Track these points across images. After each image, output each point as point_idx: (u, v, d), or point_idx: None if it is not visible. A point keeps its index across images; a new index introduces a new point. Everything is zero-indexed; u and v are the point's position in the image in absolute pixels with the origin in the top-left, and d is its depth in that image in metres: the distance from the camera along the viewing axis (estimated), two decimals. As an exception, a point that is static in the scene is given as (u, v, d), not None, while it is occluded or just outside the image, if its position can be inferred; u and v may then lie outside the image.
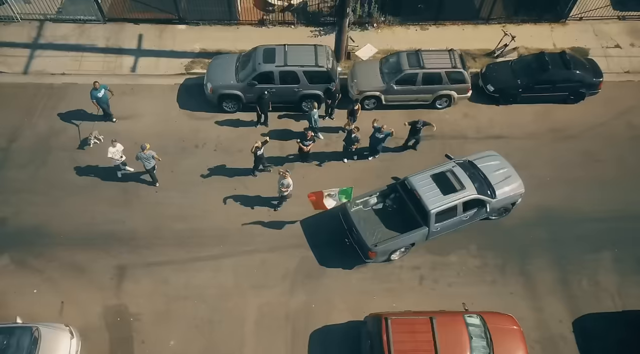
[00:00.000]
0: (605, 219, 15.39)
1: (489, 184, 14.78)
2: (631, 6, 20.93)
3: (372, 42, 20.47)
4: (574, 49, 19.90)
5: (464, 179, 14.50)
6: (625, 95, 18.58)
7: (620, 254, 14.72)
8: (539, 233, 15.22)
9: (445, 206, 14.05)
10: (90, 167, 16.50)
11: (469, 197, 14.26)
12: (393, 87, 17.56)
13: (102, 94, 16.82)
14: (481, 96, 18.58)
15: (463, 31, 20.80)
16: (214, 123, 17.74)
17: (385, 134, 16.13)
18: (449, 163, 15.10)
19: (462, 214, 14.39)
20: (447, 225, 14.45)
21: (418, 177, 14.65)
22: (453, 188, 14.30)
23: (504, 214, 15.37)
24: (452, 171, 14.66)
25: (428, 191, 14.23)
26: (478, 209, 14.58)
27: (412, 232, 14.15)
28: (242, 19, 20.90)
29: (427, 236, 14.43)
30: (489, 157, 15.54)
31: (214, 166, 16.63)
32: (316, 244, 14.97)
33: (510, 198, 14.94)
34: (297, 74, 17.03)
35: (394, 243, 14.11)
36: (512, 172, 15.20)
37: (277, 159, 16.84)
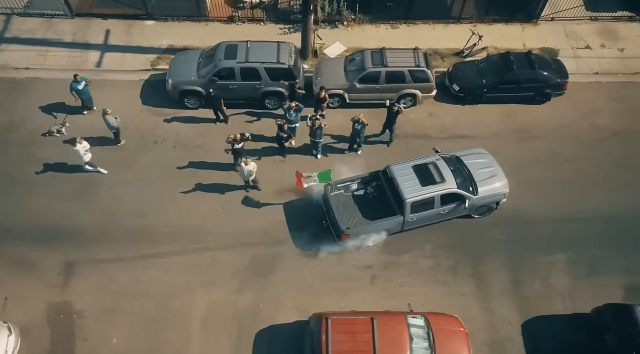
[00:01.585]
0: (563, 221, 15.21)
1: (472, 181, 14.68)
2: (604, 7, 20.75)
3: (341, 40, 20.30)
4: (544, 50, 19.74)
5: (445, 172, 14.45)
6: (593, 96, 18.40)
7: (575, 256, 14.53)
8: (495, 234, 15.04)
9: (422, 196, 14.06)
10: (48, 162, 16.36)
11: (448, 190, 14.19)
12: (356, 85, 17.40)
13: (82, 86, 16.81)
14: (448, 96, 18.42)
15: (434, 30, 20.65)
16: (175, 119, 17.61)
17: (364, 125, 16.08)
18: (433, 156, 15.11)
19: (439, 208, 14.36)
20: (423, 216, 14.41)
21: (399, 166, 14.68)
22: (432, 180, 14.29)
23: (487, 213, 15.23)
24: (435, 164, 14.65)
25: (407, 181, 14.27)
26: (457, 205, 14.47)
27: (385, 219, 14.20)
28: (211, 16, 20.79)
29: (403, 225, 14.42)
30: (477, 155, 15.46)
31: (172, 162, 16.47)
32: (270, 242, 14.81)
33: (492, 197, 14.79)
34: (258, 70, 16.89)
35: (366, 228, 14.22)
36: (498, 171, 15.08)
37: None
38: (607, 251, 14.64)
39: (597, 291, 13.69)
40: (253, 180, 15.56)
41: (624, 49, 19.64)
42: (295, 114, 16.51)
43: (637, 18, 20.41)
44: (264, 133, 17.33)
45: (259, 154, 16.73)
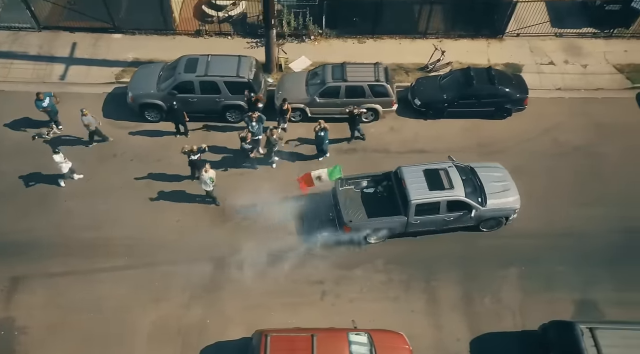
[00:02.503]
0: (519, 235, 15.14)
1: (482, 192, 14.71)
2: (569, 24, 20.94)
3: (308, 55, 20.41)
4: (508, 65, 19.87)
5: (455, 180, 14.50)
6: (555, 111, 18.46)
7: (528, 271, 14.46)
8: (450, 248, 14.97)
9: (428, 200, 14.18)
10: (5, 174, 16.29)
11: (455, 197, 14.23)
12: (316, 99, 17.45)
13: (47, 103, 16.80)
14: (411, 110, 18.46)
15: (400, 45, 20.79)
16: (135, 132, 17.60)
17: (325, 131, 16.30)
18: (446, 162, 15.17)
19: (445, 214, 14.42)
20: (427, 220, 14.50)
21: (410, 168, 14.86)
22: (441, 186, 14.36)
23: (496, 227, 15.16)
24: (446, 170, 14.73)
25: (415, 183, 14.42)
26: (463, 214, 14.47)
27: (389, 217, 14.39)
28: (179, 29, 20.93)
29: (406, 226, 14.54)
30: (492, 169, 15.52)
31: (130, 175, 16.45)
32: (221, 258, 14.69)
33: (501, 211, 14.74)
34: (217, 84, 16.95)
35: (368, 223, 14.49)
36: (511, 186, 15.05)
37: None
38: (562, 266, 14.58)
39: (549, 307, 13.58)
40: (211, 193, 15.52)
41: (587, 65, 19.78)
42: (257, 125, 16.52)
43: (600, 35, 20.59)
44: (226, 146, 17.36)
45: (220, 167, 16.67)
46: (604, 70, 19.62)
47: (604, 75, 19.46)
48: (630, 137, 17.54)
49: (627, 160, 16.97)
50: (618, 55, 19.96)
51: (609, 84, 19.23)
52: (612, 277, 14.35)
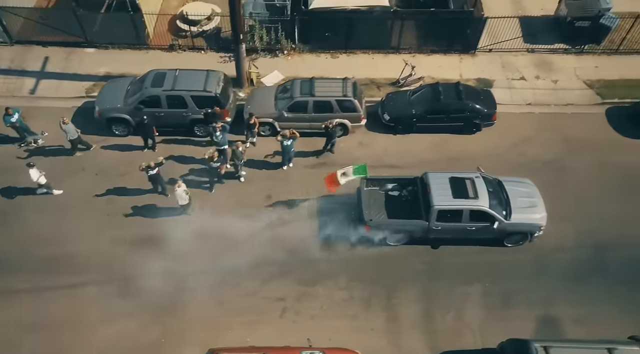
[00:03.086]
0: (483, 251, 15.04)
1: (508, 206, 14.64)
2: (541, 39, 21.01)
3: (281, 69, 20.43)
4: (480, 80, 19.91)
5: (481, 190, 14.50)
6: (524, 126, 18.45)
7: (491, 287, 14.32)
8: (413, 264, 14.85)
9: (450, 207, 14.21)
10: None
11: (478, 207, 14.21)
12: (284, 114, 17.43)
13: (15, 118, 16.74)
14: (381, 125, 18.45)
15: (373, 60, 20.83)
16: (102, 147, 17.52)
17: (292, 139, 16.32)
18: (473, 173, 15.19)
19: (467, 223, 14.43)
20: (449, 228, 14.53)
21: (436, 174, 14.99)
22: (465, 194, 14.38)
23: (521, 242, 15.05)
24: (473, 180, 14.74)
25: (439, 189, 14.49)
26: (486, 225, 14.39)
27: (409, 220, 14.55)
28: (152, 44, 20.96)
29: (427, 231, 14.58)
30: (521, 184, 15.46)
31: (94, 190, 16.36)
32: (181, 275, 14.51)
33: (526, 226, 14.65)
34: (184, 98, 16.92)
35: (388, 223, 14.69)
36: (539, 203, 14.94)
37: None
38: (525, 282, 14.46)
39: (510, 325, 13.44)
40: (187, 207, 15.38)
41: (557, 81, 19.83)
42: (222, 135, 16.49)
43: (572, 51, 20.67)
44: (193, 160, 17.29)
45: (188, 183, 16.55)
46: (574, 85, 19.67)
47: (574, 91, 19.51)
48: (599, 152, 17.52)
49: (596, 175, 16.94)
50: (588, 71, 20.02)
51: (579, 100, 19.27)
52: (571, 293, 14.25)
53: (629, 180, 16.69)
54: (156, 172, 15.36)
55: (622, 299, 14.12)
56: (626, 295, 14.20)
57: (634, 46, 20.43)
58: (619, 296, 14.17)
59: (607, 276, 14.62)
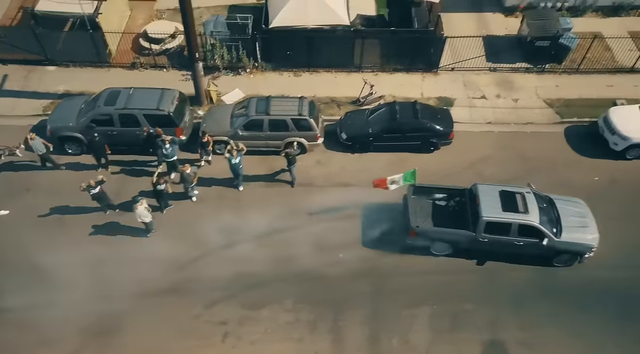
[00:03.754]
0: (435, 272, 14.85)
1: (558, 223, 14.51)
2: (504, 58, 21.07)
3: (243, 87, 20.37)
4: (441, 99, 19.91)
5: (531, 206, 14.39)
6: (483, 145, 18.37)
7: (439, 309, 14.07)
8: (362, 286, 14.59)
9: (499, 219, 14.14)
10: None
11: (528, 223, 14.10)
12: (239, 132, 17.30)
13: None
14: (340, 144, 18.34)
15: (335, 78, 20.82)
16: (54, 166, 17.25)
17: (239, 157, 16.11)
18: (524, 188, 15.06)
19: (515, 238, 14.28)
20: (496, 241, 14.38)
21: (486, 187, 14.97)
22: (515, 208, 14.29)
23: (569, 263, 14.83)
24: (523, 195, 14.65)
25: (489, 201, 14.47)
26: (535, 242, 14.25)
27: (455, 230, 14.53)
28: (114, 62, 20.91)
29: (474, 242, 14.48)
30: (572, 203, 15.30)
31: (41, 210, 16.08)
32: (120, 298, 14.17)
33: (576, 246, 14.43)
34: (136, 117, 16.78)
35: (435, 231, 14.69)
36: (591, 224, 14.76)
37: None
38: (473, 304, 14.22)
39: (457, 347, 13.20)
40: (151, 224, 15.22)
41: (518, 100, 19.85)
42: (171, 147, 16.43)
43: (533, 70, 20.74)
44: (146, 180, 17.06)
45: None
46: (534, 104, 19.69)
47: (534, 110, 19.52)
48: (556, 172, 17.41)
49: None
50: (549, 90, 20.07)
51: (538, 119, 19.27)
52: (519, 315, 14.04)
53: (586, 199, 16.55)
54: (99, 191, 15.16)
55: (570, 323, 13.91)
56: (573, 318, 14.00)
57: (594, 66, 20.56)
58: (568, 320, 13.96)
59: (556, 299, 14.41)
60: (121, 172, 17.30)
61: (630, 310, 14.14)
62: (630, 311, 14.12)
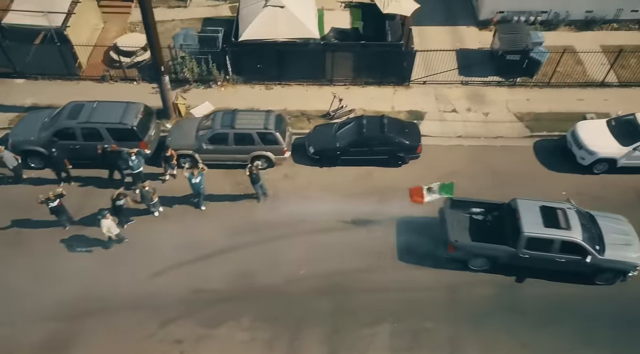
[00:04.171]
0: (395, 289, 14.59)
1: (600, 241, 14.28)
2: (476, 72, 21.04)
3: (213, 100, 20.23)
4: (412, 112, 19.81)
5: (573, 222, 14.17)
6: (452, 159, 18.22)
7: (399, 327, 13.79)
8: (323, 303, 14.31)
9: (541, 235, 13.91)
10: None
11: (571, 239, 13.85)
12: (203, 146, 17.13)
13: None
14: (308, 158, 18.18)
15: (307, 91, 20.74)
16: (17, 180, 16.98)
17: (200, 177, 15.88)
18: (564, 203, 14.85)
19: (557, 254, 14.04)
20: (537, 257, 14.14)
21: (526, 202, 14.71)
22: (557, 224, 14.07)
23: (612, 281, 14.57)
24: (565, 211, 14.44)
25: (529, 216, 14.24)
26: (578, 259, 14.01)
27: (496, 245, 14.28)
28: (84, 74, 20.78)
29: (514, 258, 14.26)
30: (614, 220, 15.03)
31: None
32: (75, 316, 13.86)
33: (620, 264, 14.14)
34: (99, 130, 16.60)
35: (475, 246, 14.46)
36: (634, 242, 14.48)
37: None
38: (433, 322, 13.97)
39: (415, 368, 12.92)
40: (120, 235, 15.07)
41: (488, 113, 19.78)
42: (137, 159, 16.30)
43: (505, 83, 20.71)
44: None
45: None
46: (504, 118, 19.62)
47: (505, 124, 19.44)
48: (525, 186, 17.21)
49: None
50: (520, 104, 20.02)
51: (508, 132, 19.17)
52: (479, 332, 13.81)
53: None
54: (57, 204, 14.94)
55: (528, 340, 13.72)
56: (535, 337, 13.79)
57: (565, 79, 20.56)
58: (528, 338, 13.75)
59: (517, 316, 14.20)
60: (84, 187, 17.07)
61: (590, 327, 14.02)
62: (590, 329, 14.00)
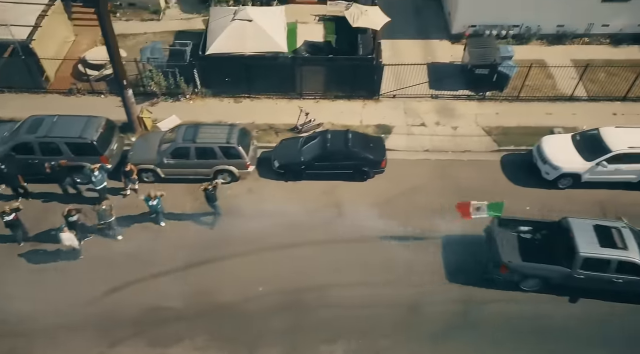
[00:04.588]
0: (355, 306, 14.35)
1: None
2: (447, 85, 21.01)
3: (182, 113, 20.06)
4: (380, 126, 19.70)
5: (629, 241, 13.91)
6: (418, 174, 18.05)
7: (360, 345, 13.53)
8: (280, 321, 14.04)
9: (598, 256, 13.66)
10: None
11: (629, 259, 13.59)
12: (164, 160, 16.94)
13: None
14: (273, 172, 18.00)
15: (276, 105, 20.63)
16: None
17: (157, 199, 15.66)
18: (618, 222, 14.66)
19: (613, 275, 13.80)
20: (593, 277, 13.90)
21: (579, 221, 14.49)
22: (613, 244, 13.84)
23: None
24: (619, 230, 14.18)
25: (584, 236, 13.99)
26: (636, 279, 13.79)
27: (550, 266, 14.05)
28: (52, 88, 20.62)
29: (569, 279, 14.06)
30: None
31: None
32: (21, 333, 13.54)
33: None
34: (58, 145, 16.40)
35: (528, 267, 14.21)
36: None
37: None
38: (391, 340, 13.72)
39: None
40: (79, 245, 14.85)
41: (457, 127, 19.68)
42: (101, 175, 16.08)
43: (475, 97, 20.69)
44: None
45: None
46: (473, 132, 19.52)
47: (473, 138, 19.35)
48: (490, 199, 17.03)
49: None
50: (489, 118, 19.95)
51: (476, 146, 19.06)
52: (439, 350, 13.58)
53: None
54: (13, 218, 14.70)
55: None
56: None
57: (535, 93, 20.56)
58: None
59: (477, 333, 13.99)
60: (44, 202, 16.81)
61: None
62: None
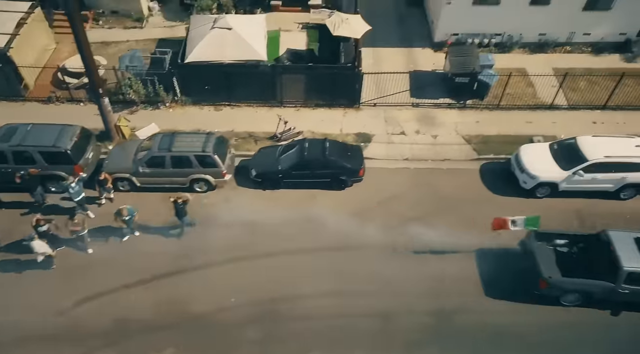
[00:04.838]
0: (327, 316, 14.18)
1: None
2: (429, 94, 20.96)
3: (162, 121, 19.94)
4: (360, 135, 19.64)
5: None
6: (397, 182, 17.96)
7: (329, 356, 13.43)
8: (252, 332, 13.87)
9: None
10: None
11: None
12: (140, 169, 16.80)
13: None
14: (251, 180, 17.88)
15: (256, 113, 20.54)
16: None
17: (130, 214, 15.47)
18: None
19: None
20: (638, 291, 13.63)
21: (619, 233, 14.26)
22: None
23: None
24: None
25: (627, 249, 13.77)
26: None
27: (592, 281, 13.81)
28: (30, 96, 20.50)
29: (612, 294, 13.83)
30: None
31: None
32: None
33: None
34: (32, 154, 16.26)
35: (569, 282, 13.98)
36: None
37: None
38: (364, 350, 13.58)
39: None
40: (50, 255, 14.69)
41: (437, 136, 19.62)
42: (78, 186, 15.91)
43: (455, 105, 20.66)
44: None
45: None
46: (453, 140, 19.46)
47: (453, 146, 19.29)
48: (468, 208, 17.06)
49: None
50: (469, 126, 19.91)
51: (456, 155, 19.00)
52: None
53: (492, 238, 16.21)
54: None
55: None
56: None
57: (516, 102, 20.55)
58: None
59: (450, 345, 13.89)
60: (17, 211, 16.63)
61: None
62: None
